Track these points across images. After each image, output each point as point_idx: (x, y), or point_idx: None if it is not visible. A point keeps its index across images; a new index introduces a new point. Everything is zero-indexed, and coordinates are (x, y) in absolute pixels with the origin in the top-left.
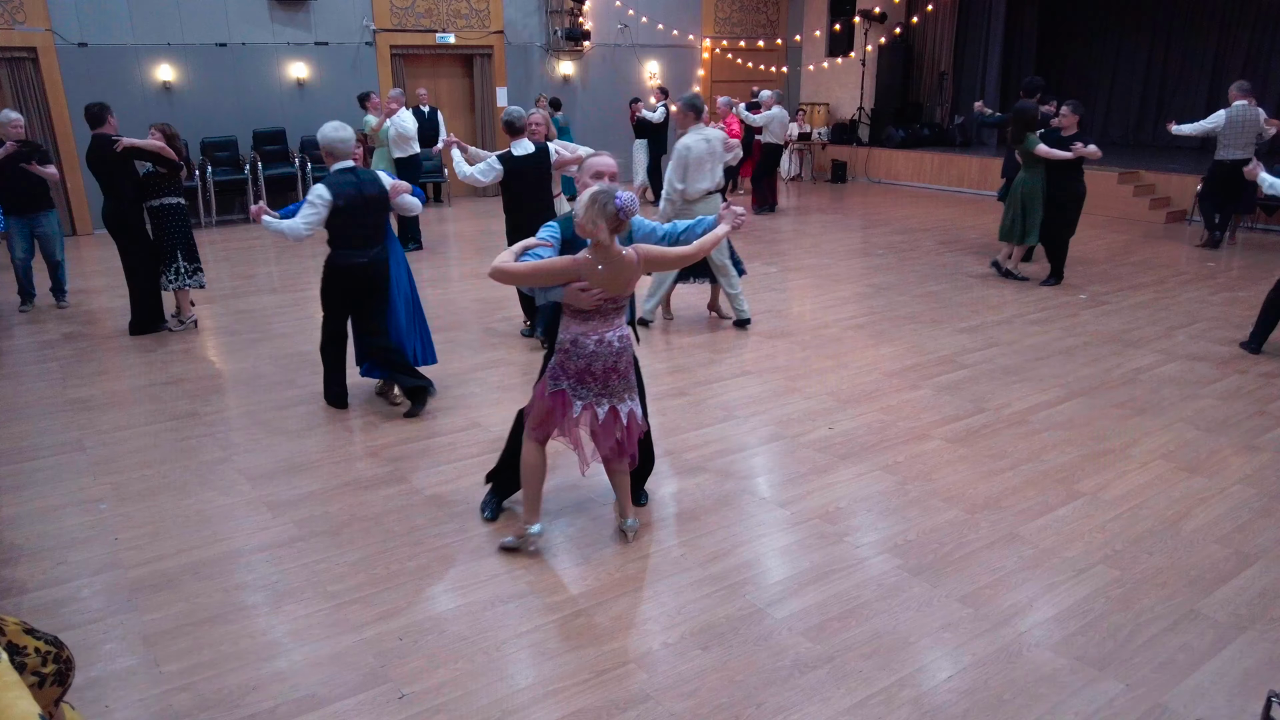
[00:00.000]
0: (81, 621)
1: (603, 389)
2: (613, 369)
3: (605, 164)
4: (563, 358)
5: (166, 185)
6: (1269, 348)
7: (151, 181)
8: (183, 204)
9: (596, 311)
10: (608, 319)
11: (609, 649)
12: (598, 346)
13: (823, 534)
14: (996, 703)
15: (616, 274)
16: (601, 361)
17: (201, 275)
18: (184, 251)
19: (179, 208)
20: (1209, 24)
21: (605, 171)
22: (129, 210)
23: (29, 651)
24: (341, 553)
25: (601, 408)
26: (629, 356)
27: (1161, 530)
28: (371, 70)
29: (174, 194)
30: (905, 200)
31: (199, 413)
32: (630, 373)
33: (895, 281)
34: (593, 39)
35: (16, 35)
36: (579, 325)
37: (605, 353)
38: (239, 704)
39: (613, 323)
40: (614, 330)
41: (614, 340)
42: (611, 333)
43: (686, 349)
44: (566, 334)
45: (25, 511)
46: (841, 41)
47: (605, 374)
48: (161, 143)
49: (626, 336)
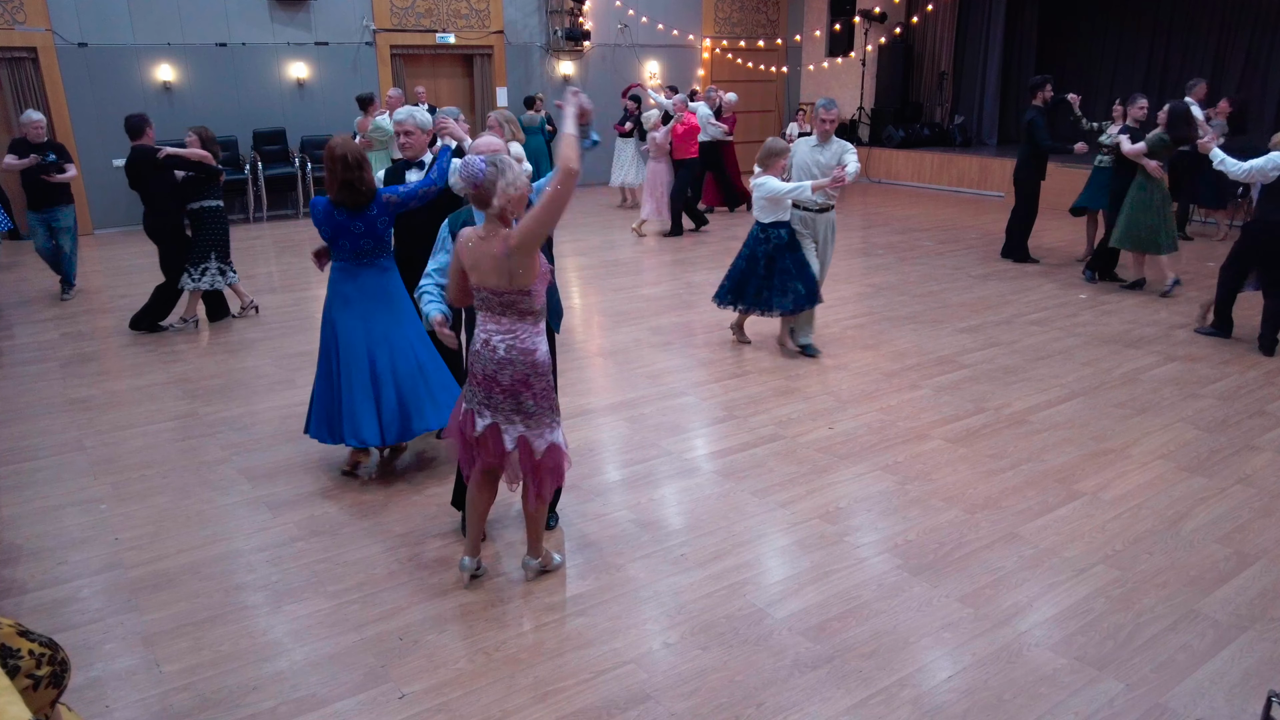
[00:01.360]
0: (81, 621)
1: (484, 399)
2: (493, 379)
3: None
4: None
5: (206, 188)
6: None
7: (191, 185)
8: (221, 206)
9: (482, 303)
10: (494, 315)
11: (609, 649)
12: (482, 348)
13: (823, 534)
14: (996, 703)
15: (481, 255)
16: (481, 365)
17: (234, 275)
18: (218, 253)
19: (219, 210)
20: (1209, 24)
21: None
22: (170, 218)
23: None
24: (341, 553)
25: (482, 418)
26: (517, 372)
27: (1161, 530)
28: (372, 70)
29: (214, 196)
30: (905, 200)
31: (199, 413)
32: (523, 394)
33: (895, 281)
34: (593, 39)
35: (16, 35)
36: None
37: (487, 356)
38: (239, 704)
39: (499, 320)
40: (501, 332)
41: (498, 345)
42: (499, 336)
43: (686, 349)
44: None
45: (25, 511)
46: (841, 41)
47: (486, 382)
48: (202, 150)
49: (519, 347)
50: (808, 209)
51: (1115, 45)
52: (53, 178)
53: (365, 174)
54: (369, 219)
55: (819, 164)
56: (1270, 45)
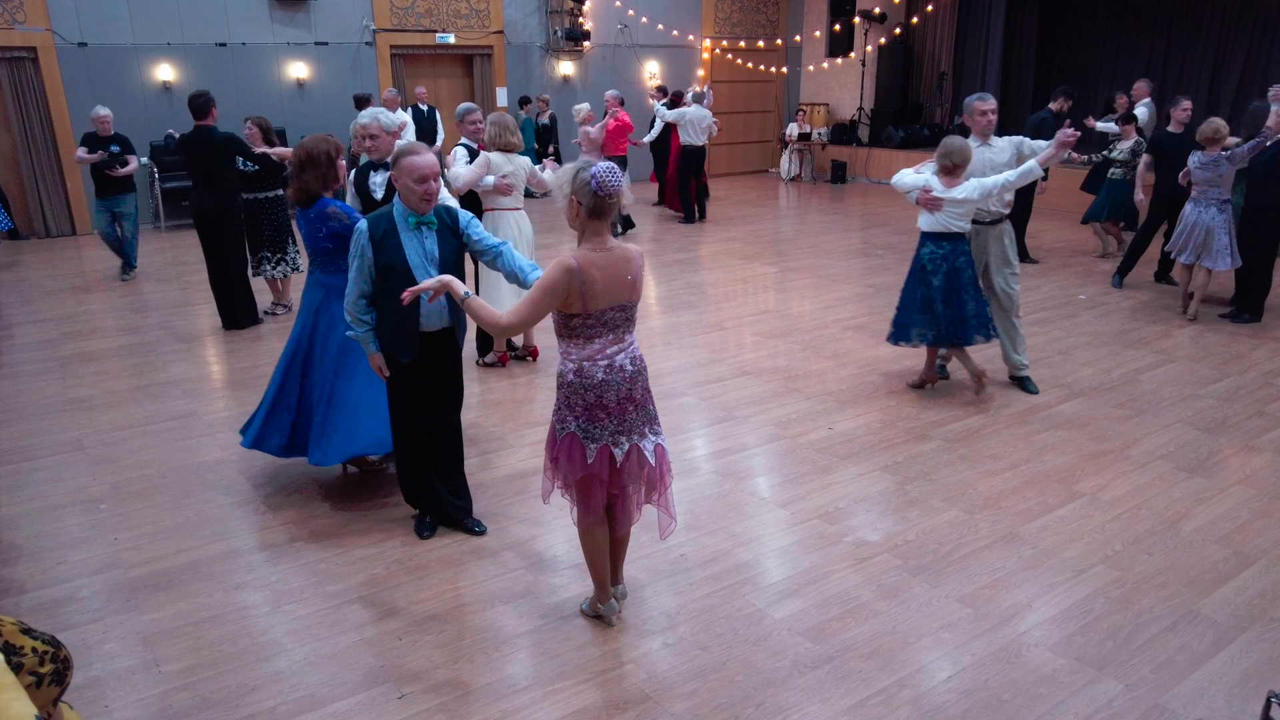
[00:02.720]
0: (81, 621)
1: (619, 426)
2: (628, 399)
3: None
4: (567, 393)
5: (270, 180)
6: (1266, 350)
7: (254, 176)
8: (282, 194)
9: (602, 327)
10: (616, 335)
11: (609, 649)
12: (608, 374)
13: (823, 534)
14: (996, 703)
15: (618, 273)
16: (614, 392)
17: (286, 265)
18: (275, 243)
19: (280, 199)
20: (1209, 24)
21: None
22: (228, 205)
23: (26, 652)
24: (341, 553)
25: (620, 448)
26: (644, 382)
27: (1161, 530)
28: (371, 70)
29: (277, 187)
30: (905, 200)
31: (199, 413)
32: (650, 402)
33: (895, 281)
34: (593, 39)
35: (16, 35)
36: (580, 349)
37: (616, 381)
38: (239, 704)
39: (623, 340)
40: (625, 351)
41: (625, 364)
42: (623, 355)
43: (686, 349)
44: (567, 363)
45: (25, 511)
46: (841, 42)
47: (620, 407)
48: (284, 148)
49: (641, 359)
50: (978, 220)
51: (1115, 45)
52: (115, 171)
53: (309, 176)
54: (310, 220)
55: (993, 165)
56: (1270, 45)
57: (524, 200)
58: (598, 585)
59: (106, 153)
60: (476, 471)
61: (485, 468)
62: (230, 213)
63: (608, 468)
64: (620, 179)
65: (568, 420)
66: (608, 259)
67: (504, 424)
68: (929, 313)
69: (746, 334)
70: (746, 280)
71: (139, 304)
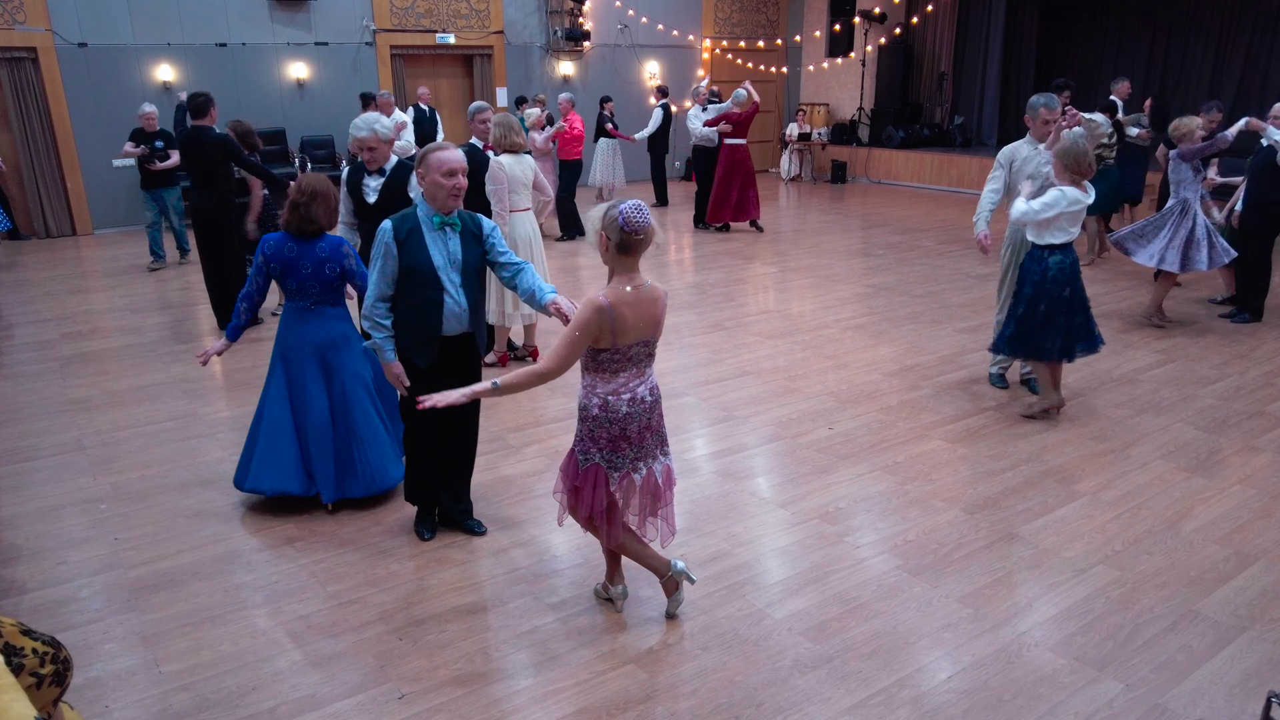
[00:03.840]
0: (81, 621)
1: (637, 453)
2: (647, 428)
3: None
4: (591, 425)
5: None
6: (1266, 349)
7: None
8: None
9: (627, 361)
10: (639, 369)
11: (609, 649)
12: (631, 407)
13: (823, 534)
14: (996, 703)
15: (646, 311)
16: (636, 423)
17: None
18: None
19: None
20: (1209, 24)
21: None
22: (225, 205)
23: (26, 652)
24: (341, 553)
25: (639, 473)
26: (660, 408)
27: (1161, 530)
28: (372, 70)
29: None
30: (905, 200)
31: (199, 413)
32: (662, 425)
33: (895, 281)
34: (593, 39)
35: (16, 35)
36: (606, 383)
37: (639, 412)
38: (239, 704)
39: (644, 373)
40: (645, 383)
41: (645, 396)
42: (643, 387)
43: (686, 349)
44: (591, 396)
45: (25, 511)
46: (841, 42)
47: (640, 435)
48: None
49: (657, 388)
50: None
51: (1115, 45)
52: (154, 166)
53: (318, 208)
54: (316, 254)
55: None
56: (1270, 45)
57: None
58: (651, 569)
59: (149, 148)
60: (477, 472)
61: (486, 469)
62: (228, 213)
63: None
64: (647, 216)
65: (591, 452)
66: (636, 297)
67: (504, 425)
68: (1052, 325)
69: (747, 334)
70: (746, 280)
71: (139, 304)
